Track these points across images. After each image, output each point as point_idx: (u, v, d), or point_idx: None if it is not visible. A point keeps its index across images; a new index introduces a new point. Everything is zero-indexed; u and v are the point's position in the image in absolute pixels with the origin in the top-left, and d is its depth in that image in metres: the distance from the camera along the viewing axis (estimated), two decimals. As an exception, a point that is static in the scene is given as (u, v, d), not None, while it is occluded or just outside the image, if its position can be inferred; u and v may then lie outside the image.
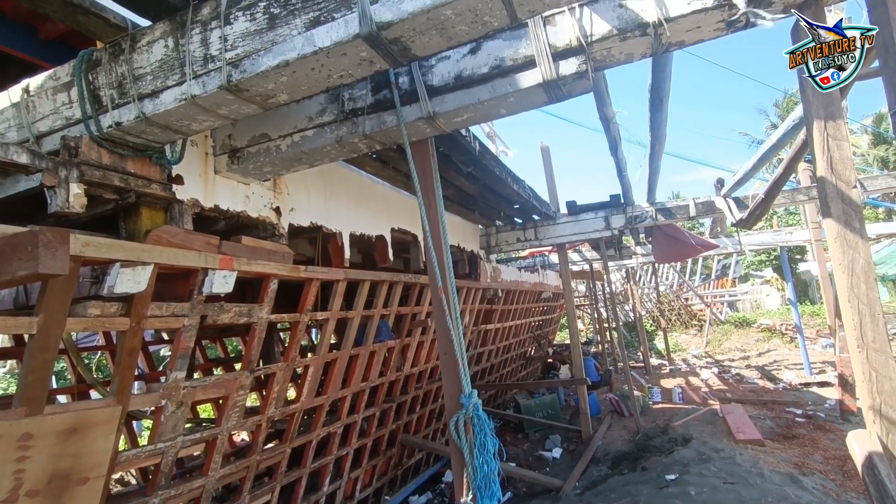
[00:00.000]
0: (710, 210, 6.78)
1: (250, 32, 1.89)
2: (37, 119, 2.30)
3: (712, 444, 5.80)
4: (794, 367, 11.70)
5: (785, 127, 4.37)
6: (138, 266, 2.30)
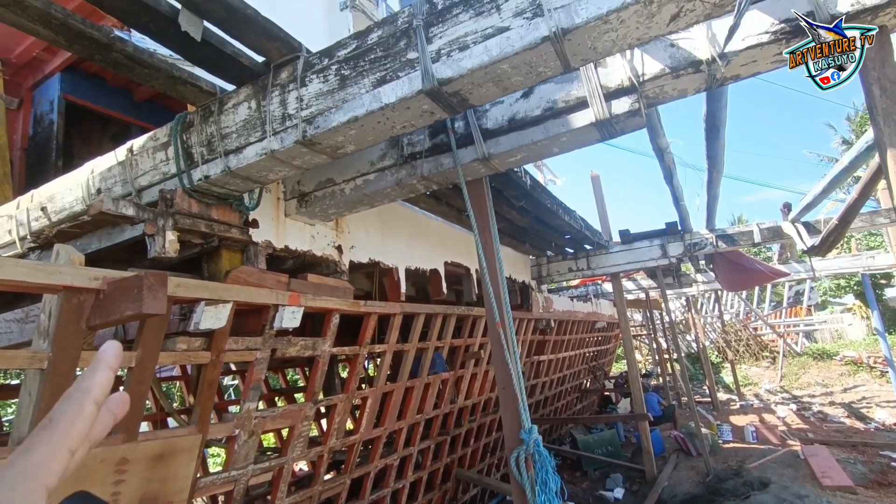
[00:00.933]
0: (776, 236, 6.43)
1: (323, 92, 2.09)
2: (138, 175, 2.61)
3: (794, 490, 5.33)
4: (888, 404, 10.57)
5: (858, 148, 4.15)
6: (220, 304, 2.52)
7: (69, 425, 0.39)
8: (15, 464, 0.37)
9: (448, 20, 1.83)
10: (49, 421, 0.39)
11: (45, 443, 0.38)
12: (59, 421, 0.39)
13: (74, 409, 0.40)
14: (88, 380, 0.42)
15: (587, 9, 1.59)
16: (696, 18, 1.65)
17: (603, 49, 1.75)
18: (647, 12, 1.58)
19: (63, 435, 0.39)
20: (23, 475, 0.36)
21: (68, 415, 0.40)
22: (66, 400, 0.40)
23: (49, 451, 0.38)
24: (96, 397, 0.41)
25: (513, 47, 1.70)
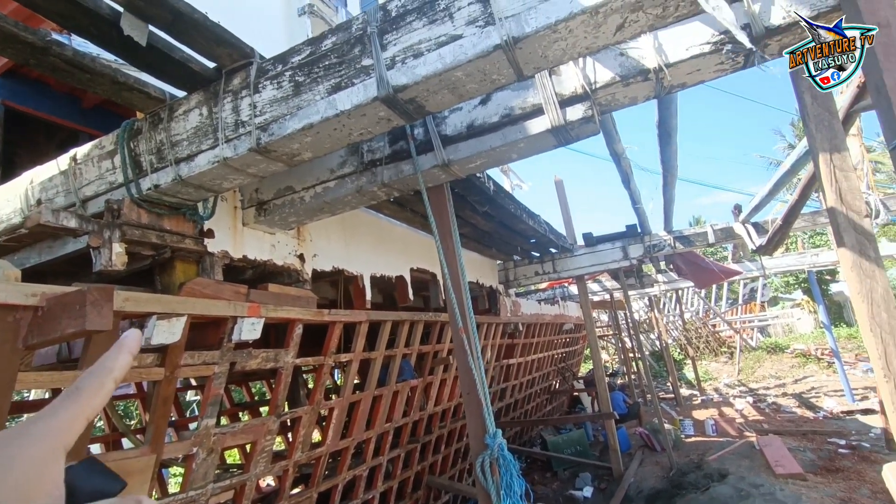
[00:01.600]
0: (729, 236, 6.73)
1: (277, 99, 2.05)
2: (83, 185, 2.49)
3: (750, 480, 5.55)
4: (835, 393, 11.19)
5: (798, 153, 4.40)
6: (173, 318, 2.43)
7: (91, 397, 0.43)
8: (41, 420, 0.41)
9: (402, 27, 1.84)
10: (75, 389, 0.44)
11: (69, 408, 0.42)
12: (83, 391, 0.43)
13: (97, 383, 0.44)
14: (112, 360, 0.47)
15: (536, 18, 1.62)
16: (641, 29, 1.72)
17: (554, 57, 1.80)
18: (593, 22, 1.63)
19: (85, 404, 0.43)
20: (49, 431, 0.40)
21: (91, 388, 0.44)
22: (91, 375, 0.45)
23: (72, 416, 0.42)
24: (116, 377, 0.46)
25: (466, 55, 1.72)
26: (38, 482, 0.37)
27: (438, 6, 1.78)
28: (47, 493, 0.38)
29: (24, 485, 0.37)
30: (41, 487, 0.38)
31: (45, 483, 0.38)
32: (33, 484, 0.37)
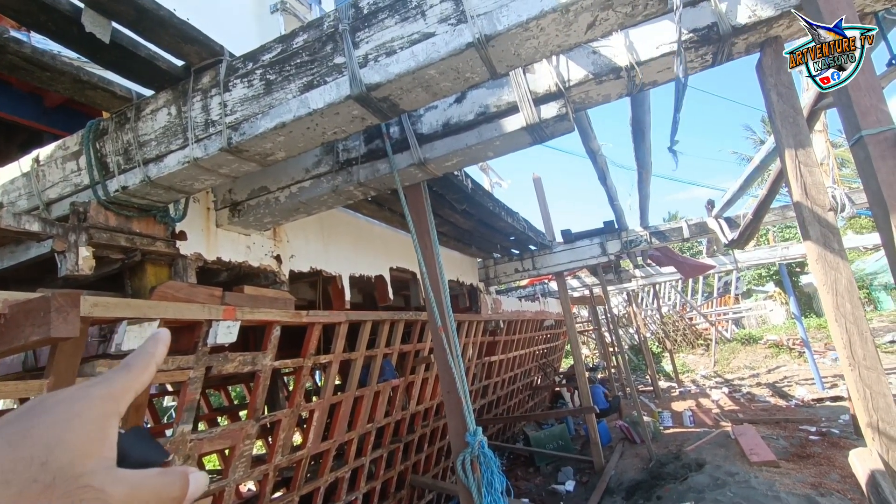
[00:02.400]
0: (703, 231, 6.89)
1: (248, 98, 2.01)
2: (46, 187, 2.40)
3: (726, 468, 5.70)
4: (806, 382, 11.56)
5: (766, 148, 4.52)
6: (145, 322, 2.36)
7: (139, 373, 0.46)
8: (100, 385, 0.43)
9: (374, 25, 1.82)
10: (125, 364, 0.46)
11: (123, 378, 0.45)
12: (132, 366, 0.46)
13: (143, 362, 0.47)
14: (153, 347, 0.49)
15: (508, 16, 1.63)
16: (611, 27, 1.74)
17: (527, 56, 1.81)
18: (564, 20, 1.65)
19: (134, 378, 0.45)
20: (108, 395, 0.42)
21: (139, 365, 0.47)
22: (137, 355, 0.47)
23: (125, 385, 0.44)
24: (158, 361, 0.49)
25: (439, 53, 1.72)
26: (99, 441, 0.39)
27: (410, 4, 1.77)
28: (104, 453, 0.39)
29: (87, 441, 0.39)
30: (101, 446, 0.39)
31: (104, 443, 0.40)
32: (94, 442, 0.39)
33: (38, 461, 0.36)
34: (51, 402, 0.40)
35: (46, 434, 0.37)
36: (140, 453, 0.42)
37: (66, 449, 0.37)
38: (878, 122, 1.59)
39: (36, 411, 0.39)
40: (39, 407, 0.40)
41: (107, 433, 0.40)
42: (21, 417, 0.39)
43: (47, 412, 0.39)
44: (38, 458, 0.36)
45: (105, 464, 0.39)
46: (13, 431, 0.37)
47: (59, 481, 0.36)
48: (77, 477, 0.37)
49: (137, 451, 0.42)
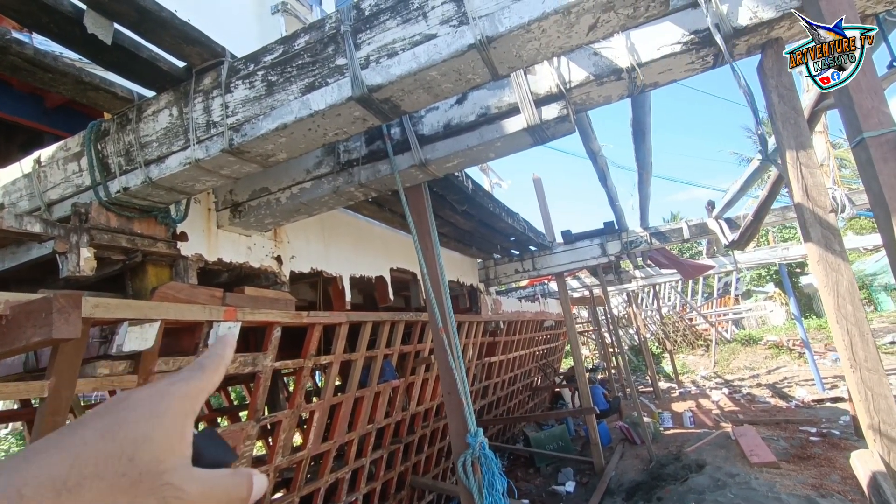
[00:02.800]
0: (703, 232, 6.89)
1: (250, 99, 2.02)
2: (48, 188, 2.41)
3: (727, 469, 5.69)
4: (806, 383, 11.56)
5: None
6: (146, 323, 2.36)
7: (212, 374, 0.46)
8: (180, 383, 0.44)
9: (376, 26, 1.82)
10: (199, 365, 0.47)
11: (199, 378, 0.45)
12: (206, 367, 0.46)
13: (214, 364, 0.47)
14: (222, 349, 0.50)
15: (510, 18, 1.63)
16: (613, 29, 1.74)
17: (528, 57, 1.81)
18: (566, 22, 1.65)
19: (207, 379, 0.46)
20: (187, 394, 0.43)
21: (211, 367, 0.47)
22: (209, 357, 0.48)
23: (200, 386, 0.45)
24: (227, 364, 0.49)
25: (440, 54, 1.72)
26: (179, 439, 0.40)
27: (412, 5, 1.77)
28: (183, 451, 0.40)
29: (169, 439, 0.39)
30: (181, 444, 0.40)
31: (183, 441, 0.41)
32: (175, 440, 0.40)
33: (126, 456, 0.37)
34: (136, 398, 0.41)
35: (134, 430, 0.38)
36: (212, 453, 0.43)
37: (152, 446, 0.38)
38: (880, 124, 1.59)
39: (124, 406, 0.40)
40: (126, 402, 0.40)
41: (185, 432, 0.41)
42: (110, 411, 0.40)
43: (134, 408, 0.40)
44: (127, 452, 0.37)
45: (184, 462, 0.40)
46: (105, 425, 0.38)
47: (145, 477, 0.37)
48: (160, 473, 0.38)
49: (210, 451, 0.43)
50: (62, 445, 0.37)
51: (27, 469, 0.35)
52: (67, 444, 0.37)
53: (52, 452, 0.36)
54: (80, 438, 0.37)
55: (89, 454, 0.36)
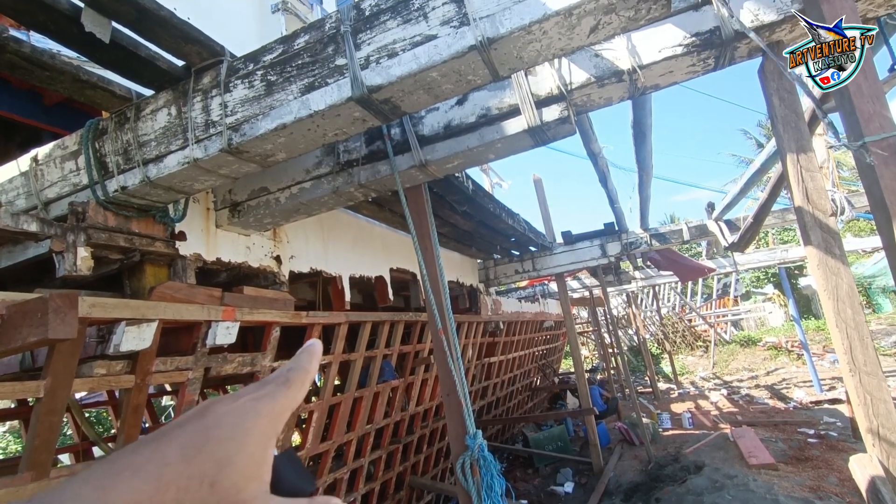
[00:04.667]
0: (702, 234, 6.88)
1: (249, 99, 2.01)
2: (45, 186, 2.39)
3: (725, 471, 5.69)
4: (804, 384, 11.56)
5: (767, 152, 4.52)
6: (143, 323, 2.35)
7: (297, 390, 0.42)
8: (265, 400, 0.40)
9: (376, 27, 1.81)
10: (286, 380, 0.42)
11: (286, 396, 0.41)
12: (293, 382, 0.42)
13: (301, 379, 0.43)
14: (308, 362, 0.45)
15: (511, 19, 1.62)
16: (614, 31, 1.73)
17: (529, 59, 1.80)
18: (567, 24, 1.64)
19: (293, 396, 0.42)
20: (272, 413, 0.39)
21: (297, 381, 0.43)
22: (296, 370, 0.44)
23: (286, 404, 0.41)
24: (312, 376, 0.45)
25: (441, 55, 1.71)
26: (261, 464, 0.37)
27: (412, 6, 1.76)
28: (263, 477, 0.37)
29: (252, 463, 0.36)
30: (263, 469, 0.37)
31: (264, 466, 0.37)
32: (257, 465, 0.37)
33: (208, 481, 0.34)
34: (220, 414, 0.37)
35: (218, 450, 0.35)
36: (292, 480, 0.40)
37: (235, 470, 0.35)
38: (881, 128, 1.58)
39: (208, 422, 0.37)
40: (211, 417, 0.37)
41: (267, 455, 0.38)
42: (193, 425, 0.37)
43: (219, 425, 0.37)
44: (209, 476, 0.34)
45: (263, 488, 0.37)
46: (188, 442, 0.35)
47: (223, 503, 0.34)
48: (239, 502, 0.35)
49: (289, 478, 0.40)
50: (146, 466, 0.34)
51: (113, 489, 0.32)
52: (151, 465, 0.34)
53: (138, 475, 0.33)
54: (163, 457, 0.34)
55: (171, 477, 0.33)
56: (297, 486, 0.40)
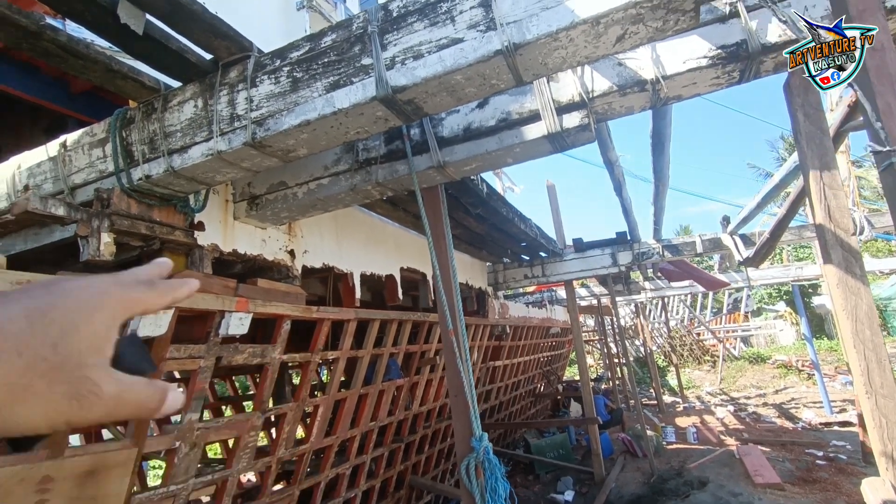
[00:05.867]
0: (716, 247, 6.81)
1: (274, 94, 2.04)
2: (72, 172, 2.45)
3: (729, 488, 5.63)
4: (814, 405, 11.38)
5: (787, 167, 4.47)
6: (161, 310, 2.39)
7: (157, 298, 0.45)
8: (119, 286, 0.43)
9: (403, 28, 1.83)
10: (150, 283, 0.46)
11: (142, 292, 0.44)
12: (156, 288, 0.45)
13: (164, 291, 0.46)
14: (179, 286, 0.49)
15: (538, 26, 1.63)
16: (640, 41, 1.73)
17: (553, 65, 1.81)
18: (594, 32, 1.64)
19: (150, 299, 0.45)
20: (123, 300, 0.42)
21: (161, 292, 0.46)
22: (164, 283, 0.47)
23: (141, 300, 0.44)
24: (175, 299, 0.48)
25: (466, 59, 1.72)
26: (105, 339, 0.40)
27: (440, 9, 1.78)
28: (106, 351, 0.40)
29: (96, 336, 0.39)
30: (106, 344, 0.40)
31: (108, 342, 0.40)
32: (101, 339, 0.40)
33: (50, 342, 0.37)
34: (72, 286, 0.40)
35: (63, 319, 0.38)
36: (133, 360, 0.44)
37: (79, 338, 0.38)
38: (910, 148, 1.56)
39: (56, 291, 0.39)
40: (59, 288, 0.40)
41: (112, 333, 0.41)
42: (41, 292, 0.39)
43: (67, 295, 0.39)
44: (52, 338, 0.37)
45: (104, 361, 0.40)
46: (34, 307, 0.38)
47: (65, 365, 0.37)
48: (80, 366, 0.38)
49: (131, 358, 0.44)
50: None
51: None
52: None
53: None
54: (6, 314, 0.37)
55: (11, 331, 0.36)
56: (137, 366, 0.44)
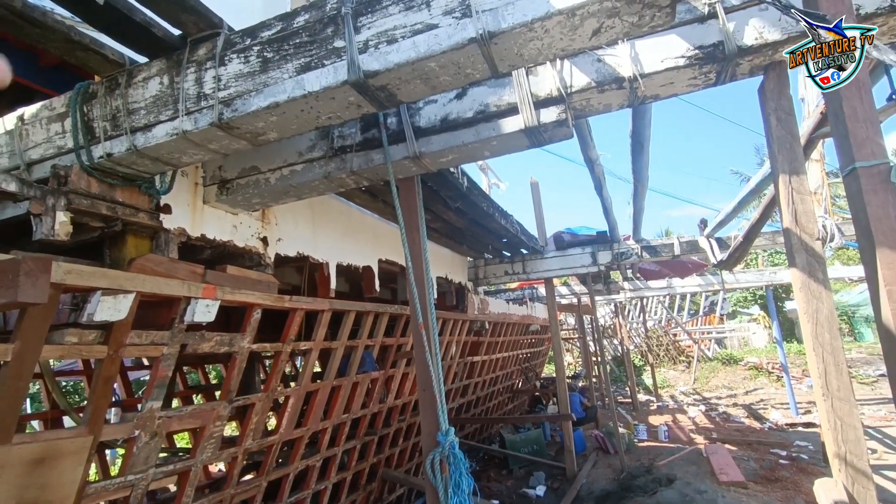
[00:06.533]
0: (693, 249, 6.91)
1: (243, 74, 1.97)
2: (29, 147, 2.34)
3: (696, 486, 5.74)
4: (781, 406, 11.68)
5: (762, 173, 4.54)
6: (120, 294, 2.31)
7: None
8: None
9: (377, 11, 1.78)
10: None
11: None
12: None
13: None
14: None
15: (514, 14, 1.60)
16: (617, 35, 1.71)
17: (529, 56, 1.78)
18: (570, 24, 1.62)
19: None
20: None
21: None
22: None
23: None
24: None
25: (440, 46, 1.68)
26: None
27: (416, -7, 1.73)
28: None
29: None
30: None
31: None
32: None
33: None
34: None
35: None
36: None
37: None
38: (873, 154, 1.58)
39: None
40: None
41: None
42: None
43: None
44: None
45: None
46: None
47: None
48: None
49: None
50: None
51: None
52: None
53: None
54: None
55: None
56: None
